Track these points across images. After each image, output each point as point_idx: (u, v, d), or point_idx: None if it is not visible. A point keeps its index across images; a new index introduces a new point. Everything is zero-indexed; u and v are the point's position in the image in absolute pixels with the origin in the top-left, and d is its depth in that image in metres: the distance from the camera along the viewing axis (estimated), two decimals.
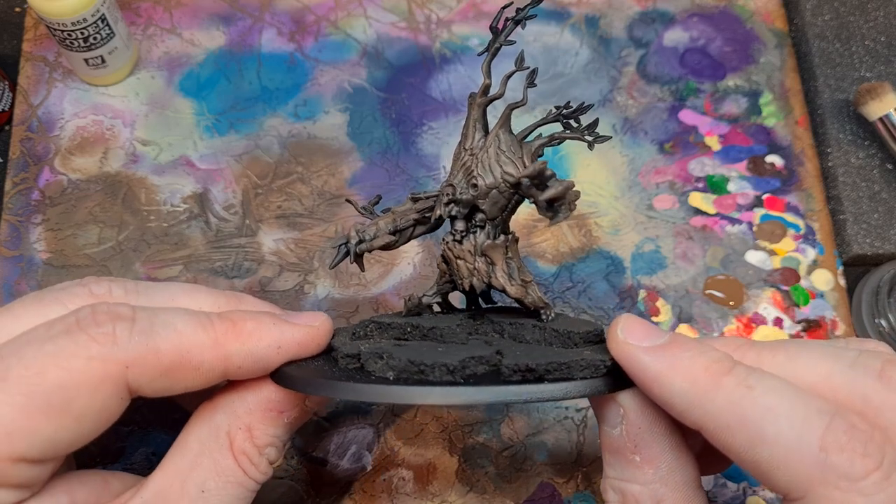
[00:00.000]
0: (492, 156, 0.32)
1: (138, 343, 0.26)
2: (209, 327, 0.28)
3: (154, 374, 0.27)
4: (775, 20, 0.52)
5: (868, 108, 0.46)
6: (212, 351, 0.28)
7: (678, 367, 0.25)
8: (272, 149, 0.48)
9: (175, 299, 0.30)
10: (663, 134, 0.49)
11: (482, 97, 0.33)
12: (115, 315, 0.27)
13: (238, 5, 0.52)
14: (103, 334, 0.26)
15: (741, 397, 0.24)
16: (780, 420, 0.24)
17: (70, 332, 0.26)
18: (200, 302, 0.31)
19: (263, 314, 0.30)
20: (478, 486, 0.40)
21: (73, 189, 0.46)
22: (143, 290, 0.30)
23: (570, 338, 0.30)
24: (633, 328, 0.27)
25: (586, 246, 0.46)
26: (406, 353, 0.28)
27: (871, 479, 0.23)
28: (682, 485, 0.27)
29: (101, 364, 0.26)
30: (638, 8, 0.52)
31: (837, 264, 0.46)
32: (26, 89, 0.49)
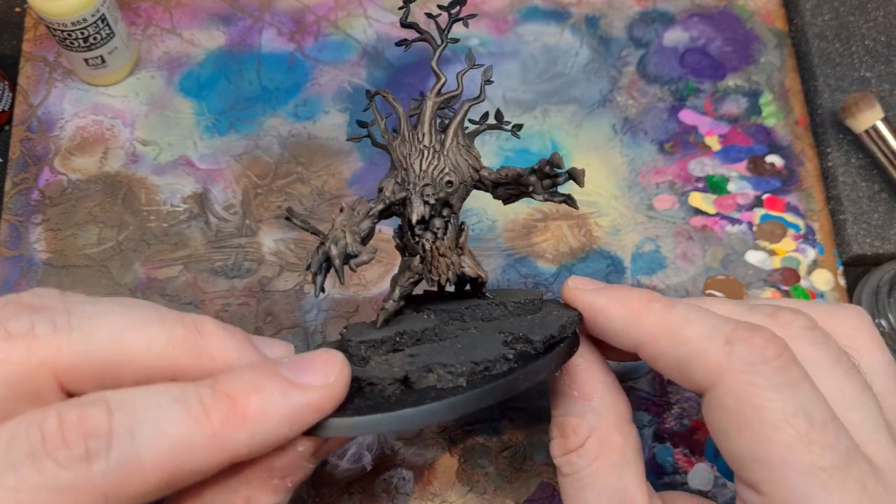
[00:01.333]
0: (455, 151, 0.33)
1: (119, 464, 0.22)
2: (203, 419, 0.23)
3: (139, 493, 0.22)
4: (775, 20, 0.52)
5: (854, 120, 0.46)
6: (210, 451, 0.23)
7: (618, 299, 0.31)
8: (272, 149, 0.48)
9: (120, 338, 0.24)
10: (663, 134, 0.49)
11: (437, 95, 0.33)
12: (88, 430, 0.22)
13: (238, 5, 0.52)
14: (75, 460, 0.21)
15: (666, 313, 0.29)
16: (694, 325, 0.28)
17: (35, 457, 0.21)
18: (152, 335, 0.24)
19: (262, 375, 0.25)
20: (478, 487, 0.40)
21: (72, 189, 0.46)
22: (76, 324, 0.24)
23: (531, 305, 0.33)
24: (579, 280, 0.33)
25: (586, 246, 0.46)
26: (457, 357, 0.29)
27: (770, 364, 0.26)
28: (613, 416, 0.31)
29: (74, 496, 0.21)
30: (638, 8, 0.52)
31: (837, 264, 0.46)
32: (26, 89, 0.49)
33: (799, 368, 0.26)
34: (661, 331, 0.29)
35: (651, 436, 0.41)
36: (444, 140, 0.33)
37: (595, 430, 0.30)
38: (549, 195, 0.33)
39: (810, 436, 0.25)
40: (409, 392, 0.28)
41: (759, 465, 0.26)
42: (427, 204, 0.32)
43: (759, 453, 0.26)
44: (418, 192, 0.32)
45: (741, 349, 0.27)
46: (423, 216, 0.32)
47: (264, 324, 0.43)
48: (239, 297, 0.44)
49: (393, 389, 0.28)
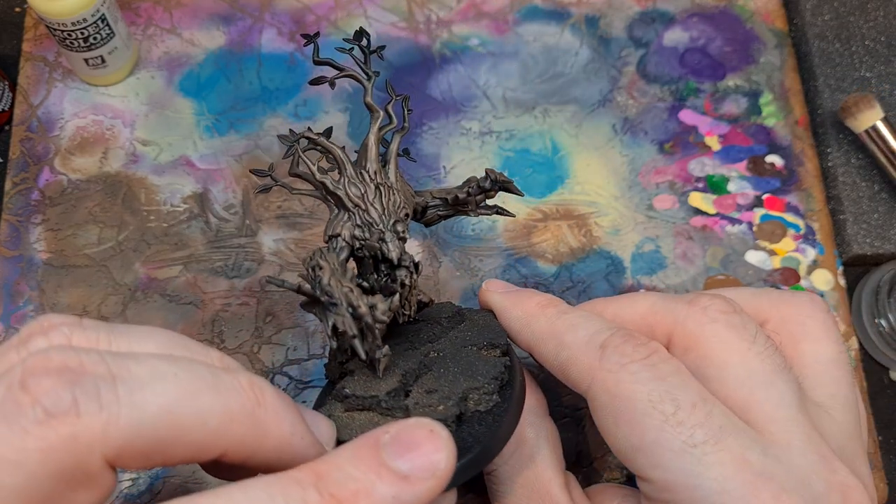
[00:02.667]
0: (402, 183, 0.34)
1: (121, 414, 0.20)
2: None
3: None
4: (775, 20, 0.52)
5: (854, 120, 0.46)
6: None
7: (518, 302, 0.33)
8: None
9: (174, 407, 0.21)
10: (663, 134, 0.49)
11: (379, 131, 0.34)
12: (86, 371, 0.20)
13: (238, 5, 0.52)
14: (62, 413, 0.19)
15: (555, 319, 0.32)
16: (577, 331, 0.30)
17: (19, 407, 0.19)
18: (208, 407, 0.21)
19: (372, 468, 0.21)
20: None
21: (72, 189, 0.46)
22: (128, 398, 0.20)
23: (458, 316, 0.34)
24: (495, 283, 0.35)
25: (586, 246, 0.46)
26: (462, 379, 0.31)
27: (637, 363, 0.28)
28: (525, 412, 0.32)
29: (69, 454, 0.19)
30: (638, 8, 0.52)
31: (837, 264, 0.46)
32: (26, 89, 0.49)
33: (669, 365, 0.28)
34: (548, 335, 0.31)
35: None
36: (388, 174, 0.33)
37: None
38: (481, 209, 0.34)
39: (678, 417, 0.27)
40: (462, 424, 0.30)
41: (638, 453, 0.27)
42: (402, 240, 0.32)
43: (635, 441, 0.27)
44: (391, 230, 0.31)
45: (612, 353, 0.29)
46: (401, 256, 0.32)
47: (264, 324, 0.43)
48: (239, 297, 0.44)
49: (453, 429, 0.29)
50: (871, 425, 0.43)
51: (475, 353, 0.32)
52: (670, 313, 0.31)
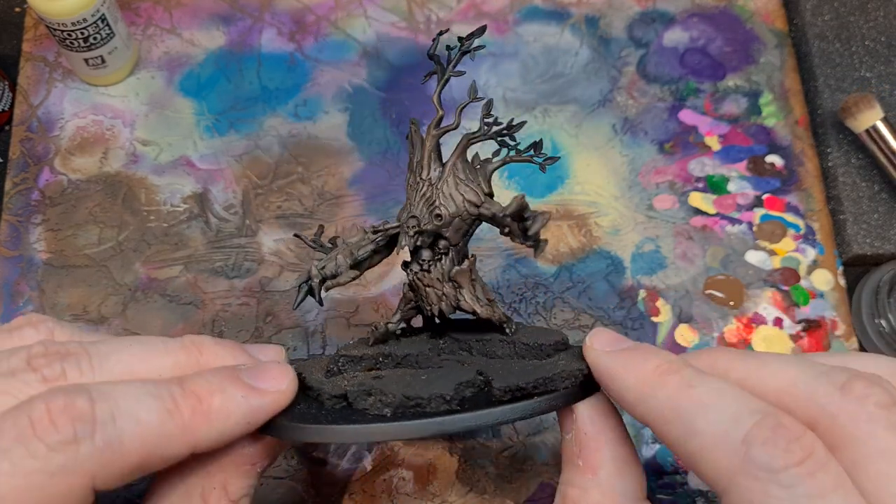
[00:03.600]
0: (451, 185, 0.33)
1: (104, 450, 0.24)
2: (175, 412, 0.26)
3: (120, 474, 0.25)
4: (775, 20, 0.52)
5: (854, 120, 0.46)
6: (179, 440, 0.26)
7: (631, 366, 0.27)
8: (272, 149, 0.48)
9: (132, 368, 0.27)
10: (663, 134, 0.49)
11: (436, 129, 0.33)
12: (74, 415, 0.24)
13: (238, 5, 0.52)
14: (66, 442, 0.23)
15: (681, 393, 0.26)
16: (710, 414, 0.25)
17: (25, 441, 0.23)
18: (159, 364, 0.28)
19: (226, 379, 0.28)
20: (478, 487, 0.40)
21: (73, 189, 0.46)
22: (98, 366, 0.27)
23: (541, 349, 0.31)
24: (601, 336, 0.29)
25: (586, 246, 0.46)
26: (396, 387, 0.28)
27: (791, 471, 0.23)
28: (618, 494, 0.28)
29: (65, 478, 0.23)
30: (638, 8, 0.52)
31: (837, 264, 0.46)
32: (26, 89, 0.49)
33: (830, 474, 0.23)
34: (672, 414, 0.26)
35: (651, 435, 0.41)
36: (442, 173, 0.33)
37: None
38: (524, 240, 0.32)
39: None
40: (349, 411, 0.29)
41: None
42: (408, 236, 0.32)
43: None
44: (404, 225, 0.32)
45: (760, 452, 0.23)
46: (404, 246, 0.32)
47: (264, 324, 0.43)
48: (239, 297, 0.44)
49: (332, 404, 0.29)
50: None
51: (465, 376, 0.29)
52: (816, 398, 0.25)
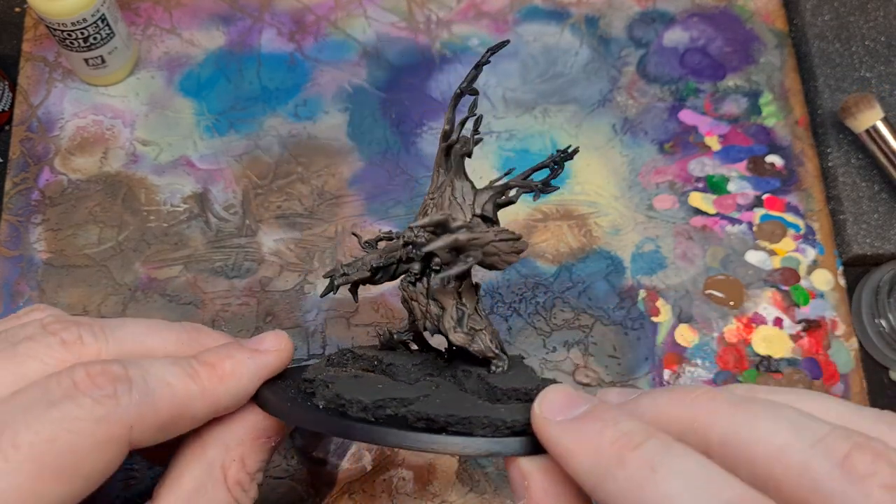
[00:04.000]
0: (445, 201, 0.32)
1: (139, 403, 0.27)
2: (196, 377, 0.29)
3: (153, 429, 0.28)
4: (775, 20, 0.52)
5: (854, 120, 0.46)
6: (202, 400, 0.29)
7: (585, 441, 0.23)
8: (272, 149, 0.48)
9: (143, 341, 0.30)
10: (663, 134, 0.49)
11: (442, 142, 0.33)
12: (113, 376, 0.27)
13: (238, 5, 0.52)
14: (106, 397, 0.26)
15: (643, 479, 0.21)
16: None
17: (72, 396, 0.26)
18: (165, 340, 0.31)
19: (232, 348, 0.31)
20: (478, 487, 0.40)
21: (73, 189, 0.46)
22: (109, 334, 0.30)
23: (495, 392, 0.29)
24: (552, 400, 0.25)
25: (586, 246, 0.46)
26: (345, 387, 0.29)
27: None
28: None
29: (108, 426, 0.26)
30: (638, 8, 0.52)
31: (837, 264, 0.46)
32: (26, 89, 0.49)
33: None
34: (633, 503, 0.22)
35: None
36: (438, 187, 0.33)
37: None
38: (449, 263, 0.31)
39: None
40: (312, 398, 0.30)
41: None
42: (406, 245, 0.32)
43: None
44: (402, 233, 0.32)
45: None
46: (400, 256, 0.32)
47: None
48: (239, 297, 0.44)
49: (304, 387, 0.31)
50: None
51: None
52: (810, 474, 0.21)
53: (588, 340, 0.43)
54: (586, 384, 0.42)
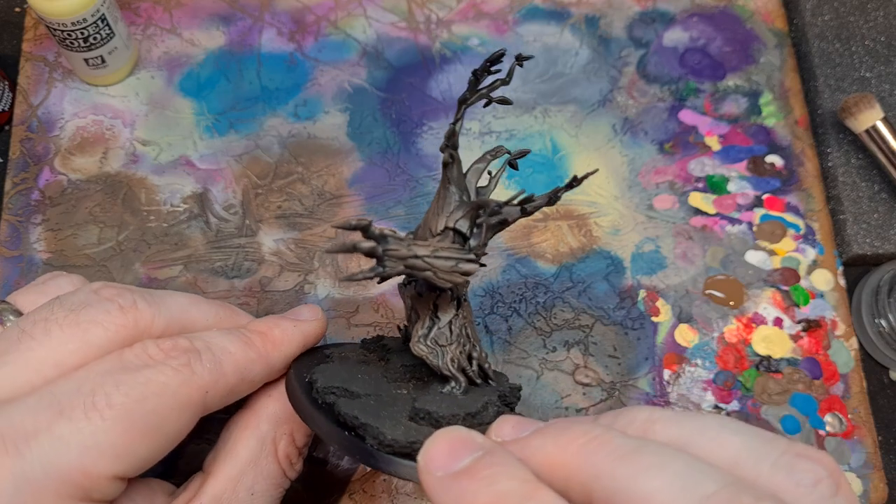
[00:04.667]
0: (431, 209, 0.32)
1: (211, 370, 0.30)
2: (251, 344, 0.32)
3: (223, 394, 0.30)
4: (775, 20, 0.52)
5: (853, 120, 0.46)
6: (260, 365, 0.32)
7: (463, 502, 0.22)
8: (272, 149, 0.48)
9: (187, 311, 0.32)
10: (663, 134, 0.49)
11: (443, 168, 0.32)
12: (184, 348, 0.30)
13: (238, 5, 0.52)
14: (183, 365, 0.29)
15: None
16: None
17: (151, 365, 0.28)
18: (205, 313, 0.33)
19: (277, 318, 0.34)
20: None
21: (72, 189, 0.46)
22: (159, 301, 0.32)
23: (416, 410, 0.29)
24: (434, 450, 0.23)
25: (586, 246, 0.46)
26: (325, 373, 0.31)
27: None
28: None
29: (188, 390, 0.29)
30: (638, 8, 0.52)
31: (837, 264, 0.46)
32: (26, 89, 0.49)
33: None
34: None
35: None
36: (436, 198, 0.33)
37: None
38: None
39: None
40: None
41: None
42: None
43: None
44: None
45: None
46: None
47: None
48: (239, 297, 0.44)
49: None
50: (872, 425, 0.42)
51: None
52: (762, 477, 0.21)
53: (588, 340, 0.43)
54: (586, 384, 0.42)
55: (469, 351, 0.31)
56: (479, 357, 0.32)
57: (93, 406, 0.26)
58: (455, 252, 0.29)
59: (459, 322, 0.31)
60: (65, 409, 0.26)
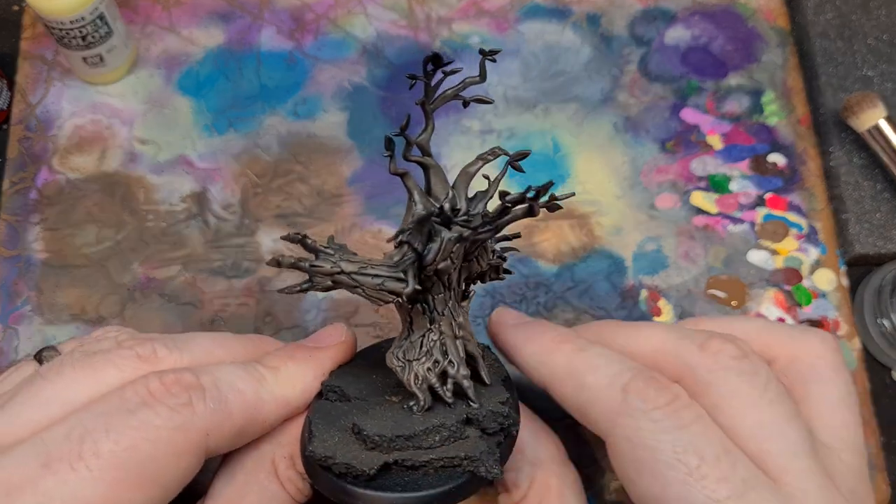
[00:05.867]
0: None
1: (215, 411, 0.27)
2: (264, 381, 0.30)
3: (229, 436, 0.28)
4: (777, 18, 0.52)
5: (856, 119, 0.46)
6: (272, 403, 0.30)
7: (531, 337, 0.32)
8: (271, 148, 0.47)
9: (212, 352, 0.31)
10: (665, 133, 0.49)
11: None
12: (187, 384, 0.27)
13: (237, 3, 0.51)
14: (182, 405, 0.27)
15: (573, 356, 0.31)
16: (597, 371, 0.30)
17: (149, 405, 0.26)
18: (233, 351, 0.31)
19: (292, 349, 0.32)
20: None
21: (71, 188, 0.46)
22: (182, 346, 0.30)
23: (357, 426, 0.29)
24: (504, 313, 0.34)
25: (587, 246, 0.45)
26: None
27: (659, 410, 0.28)
28: (547, 462, 0.32)
29: (185, 434, 0.27)
30: (639, 6, 0.52)
31: (840, 264, 0.46)
32: (24, 88, 0.48)
33: (691, 411, 0.28)
34: (566, 373, 0.30)
35: None
36: None
37: (533, 479, 0.31)
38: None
39: (702, 470, 0.26)
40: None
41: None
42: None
43: (657, 491, 0.27)
44: None
45: (633, 398, 0.28)
46: None
47: (263, 324, 0.43)
48: (238, 297, 0.43)
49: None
50: (874, 426, 0.42)
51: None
52: (680, 355, 0.30)
53: None
54: None
55: (444, 368, 0.29)
56: (455, 375, 0.29)
57: (79, 456, 0.25)
58: (386, 270, 0.28)
59: (434, 337, 0.30)
60: (52, 459, 0.25)
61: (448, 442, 0.28)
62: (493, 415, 0.29)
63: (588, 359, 0.30)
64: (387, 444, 0.28)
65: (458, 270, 0.30)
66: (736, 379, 0.29)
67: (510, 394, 0.30)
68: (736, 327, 0.32)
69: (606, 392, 0.29)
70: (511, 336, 0.33)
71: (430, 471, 0.28)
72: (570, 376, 0.30)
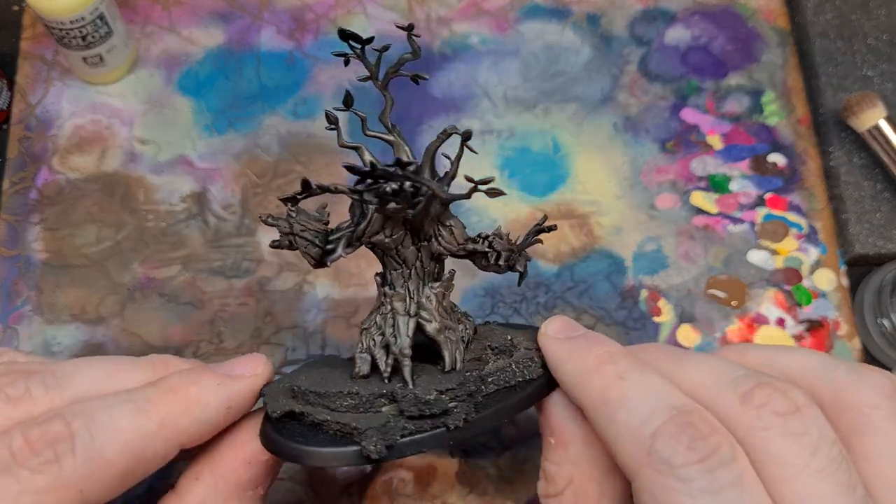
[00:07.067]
0: None
1: (85, 463, 0.25)
2: (150, 411, 0.26)
3: (111, 484, 0.25)
4: (777, 18, 0.52)
5: (856, 119, 0.46)
6: (160, 436, 0.26)
7: (574, 353, 0.29)
8: (271, 148, 0.47)
9: (100, 383, 0.28)
10: (665, 133, 0.49)
11: None
12: (52, 437, 0.24)
13: (237, 3, 0.51)
14: (45, 464, 0.24)
15: (612, 383, 0.27)
16: (630, 406, 0.26)
17: (9, 469, 0.24)
18: (129, 381, 0.28)
19: (198, 373, 0.29)
20: (478, 488, 0.39)
21: (71, 188, 0.46)
22: (63, 382, 0.27)
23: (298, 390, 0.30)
24: (556, 324, 0.31)
25: (588, 245, 0.45)
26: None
27: (691, 468, 0.24)
28: (589, 468, 0.30)
29: (53, 496, 0.24)
30: (639, 6, 0.52)
31: (840, 264, 0.46)
32: (24, 88, 0.48)
33: (728, 473, 0.24)
34: (600, 402, 0.27)
35: None
36: None
37: (571, 480, 0.30)
38: None
39: None
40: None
41: None
42: None
43: None
44: None
45: (665, 446, 0.25)
46: None
47: (263, 324, 0.43)
48: (238, 297, 0.43)
49: None
50: None
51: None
52: (717, 401, 0.26)
53: None
54: None
55: (388, 341, 0.30)
56: (395, 351, 0.30)
57: None
58: (311, 235, 0.30)
59: (385, 311, 0.31)
60: None
61: (356, 410, 0.29)
62: (415, 398, 0.28)
63: (624, 389, 0.27)
64: (301, 397, 0.29)
65: (419, 249, 0.30)
66: (779, 441, 0.25)
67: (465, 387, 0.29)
68: (789, 361, 0.28)
69: (634, 435, 0.25)
70: (554, 350, 0.30)
71: (329, 431, 0.28)
72: (603, 405, 0.27)
